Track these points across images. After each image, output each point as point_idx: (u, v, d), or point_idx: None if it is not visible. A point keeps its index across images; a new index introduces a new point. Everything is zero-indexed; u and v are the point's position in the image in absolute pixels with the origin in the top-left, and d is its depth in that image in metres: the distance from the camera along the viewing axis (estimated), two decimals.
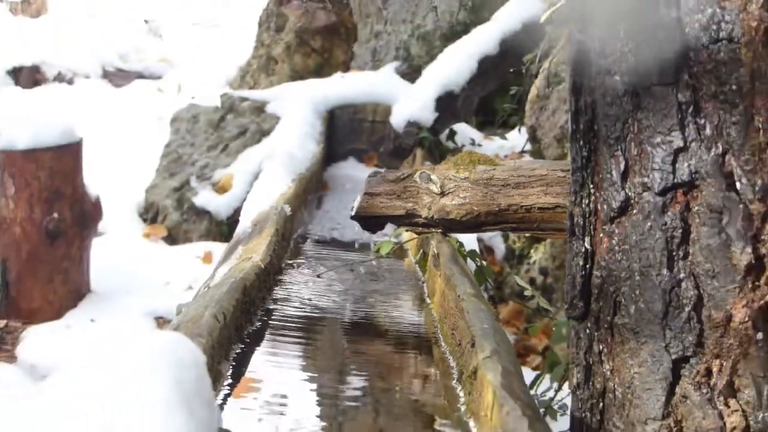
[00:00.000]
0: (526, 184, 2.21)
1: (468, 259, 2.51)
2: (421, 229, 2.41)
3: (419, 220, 2.36)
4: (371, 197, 2.39)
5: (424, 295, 2.43)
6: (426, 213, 2.33)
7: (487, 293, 2.50)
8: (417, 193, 2.35)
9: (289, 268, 2.63)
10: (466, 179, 2.28)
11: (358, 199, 2.41)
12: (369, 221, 2.42)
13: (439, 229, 2.37)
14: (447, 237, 2.44)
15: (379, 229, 2.46)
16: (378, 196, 2.38)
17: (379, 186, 2.39)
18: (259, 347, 1.91)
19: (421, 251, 2.71)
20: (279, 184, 3.26)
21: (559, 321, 2.13)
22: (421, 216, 2.35)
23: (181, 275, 3.37)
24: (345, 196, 3.84)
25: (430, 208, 2.32)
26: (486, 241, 3.48)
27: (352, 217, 2.44)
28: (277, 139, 4.04)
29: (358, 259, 2.77)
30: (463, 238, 2.56)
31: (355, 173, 4.25)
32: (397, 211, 2.37)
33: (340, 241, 3.20)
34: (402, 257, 2.87)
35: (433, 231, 2.39)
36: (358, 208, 2.40)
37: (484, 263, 2.61)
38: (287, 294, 2.37)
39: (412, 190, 2.36)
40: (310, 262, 2.77)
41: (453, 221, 2.30)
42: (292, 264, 2.69)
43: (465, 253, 2.51)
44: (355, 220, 2.44)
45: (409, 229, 2.48)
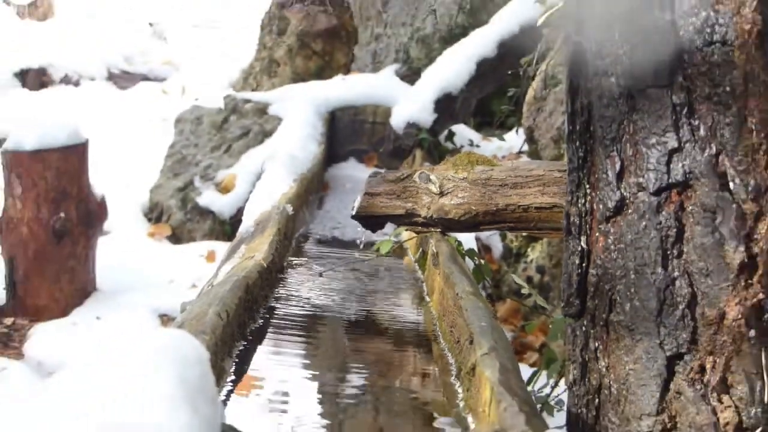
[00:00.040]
0: (524, 184, 2.21)
1: (466, 257, 2.51)
2: (421, 228, 2.41)
3: (418, 220, 2.36)
4: (371, 197, 2.39)
5: (424, 293, 2.43)
6: (425, 212, 2.33)
7: (485, 291, 2.50)
8: (416, 193, 2.35)
9: (291, 267, 2.63)
10: (464, 179, 2.28)
11: (358, 199, 2.41)
12: (369, 221, 2.42)
13: (438, 229, 2.37)
14: (446, 236, 2.44)
15: (379, 228, 2.46)
16: (378, 196, 2.38)
17: (379, 186, 2.39)
18: (261, 344, 1.91)
19: (421, 250, 2.71)
20: (281, 184, 3.26)
21: (556, 318, 2.13)
22: (421, 215, 2.34)
23: (185, 274, 3.36)
24: (346, 196, 3.83)
25: (429, 207, 2.32)
26: (484, 240, 3.48)
27: (352, 216, 2.44)
28: (279, 140, 4.04)
29: (359, 257, 2.77)
30: (461, 237, 2.56)
31: (355, 173, 4.24)
32: (396, 211, 2.37)
33: (340, 240, 3.20)
34: (402, 256, 2.87)
35: (432, 230, 2.39)
36: (358, 207, 2.40)
37: (482, 262, 2.61)
38: (289, 292, 2.37)
39: (411, 190, 2.36)
40: (311, 261, 2.77)
41: (452, 221, 2.30)
42: (294, 263, 2.69)
43: (463, 251, 2.51)
44: (355, 220, 2.44)
45: (408, 229, 2.48)
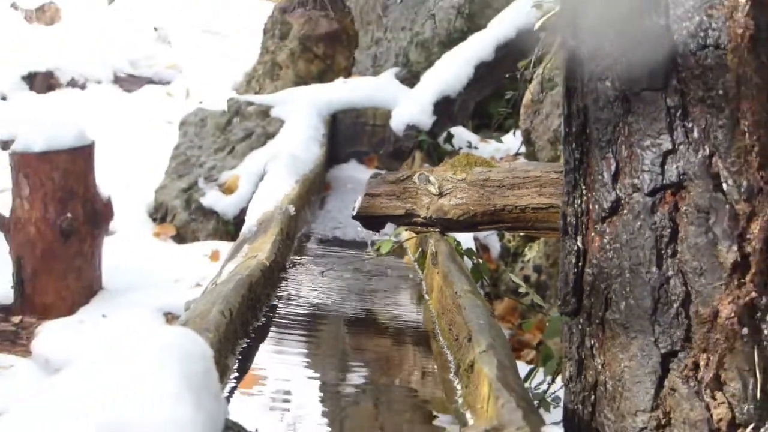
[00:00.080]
0: (521, 185, 2.21)
1: (465, 257, 2.50)
2: (420, 228, 2.41)
3: (418, 220, 2.36)
4: (372, 198, 2.39)
5: (423, 292, 2.43)
6: (424, 213, 2.33)
7: (483, 290, 2.50)
8: (416, 193, 2.35)
9: (293, 266, 2.63)
10: (463, 180, 2.28)
11: (359, 200, 2.41)
12: (370, 221, 2.42)
13: (437, 229, 2.37)
14: (445, 236, 2.43)
15: (379, 228, 2.46)
16: (378, 197, 2.38)
17: (379, 187, 2.39)
18: (264, 342, 1.91)
19: (420, 250, 2.71)
20: (283, 185, 3.25)
21: (553, 317, 2.13)
22: (420, 216, 2.34)
23: (189, 273, 3.36)
24: (347, 196, 3.83)
25: (428, 208, 2.32)
26: (482, 239, 3.47)
27: (353, 216, 2.44)
28: (281, 141, 4.04)
29: (360, 257, 2.77)
30: (460, 237, 2.56)
31: (356, 175, 4.24)
32: (396, 211, 2.37)
33: (341, 240, 3.20)
34: (401, 255, 2.87)
35: (431, 230, 2.39)
36: (359, 208, 2.40)
37: (481, 261, 2.61)
38: (291, 291, 2.37)
39: (411, 190, 2.36)
40: (313, 260, 2.77)
41: (450, 221, 2.30)
42: (296, 262, 2.69)
43: (462, 251, 2.51)
44: (356, 220, 2.44)
45: (408, 229, 2.48)
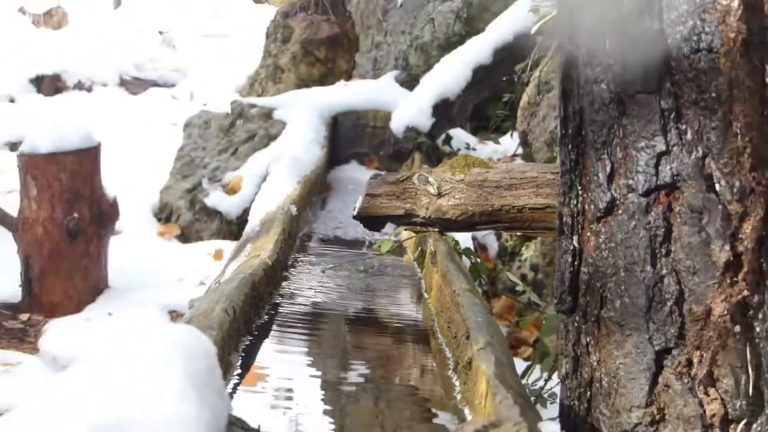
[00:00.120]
0: (518, 186, 2.21)
1: (463, 256, 2.51)
2: (419, 228, 2.41)
3: (417, 220, 2.36)
4: (372, 198, 2.39)
5: (422, 290, 2.43)
6: (424, 213, 2.33)
7: (481, 288, 2.50)
8: (415, 194, 2.35)
9: (295, 265, 2.63)
10: (461, 181, 2.28)
11: (359, 200, 2.41)
12: (370, 221, 2.42)
13: (436, 228, 2.36)
14: (443, 236, 2.44)
15: (379, 228, 2.46)
16: (378, 197, 2.38)
17: (379, 187, 2.39)
18: (266, 340, 1.91)
19: (419, 249, 2.71)
20: (285, 185, 3.25)
21: (549, 314, 2.13)
22: (419, 216, 2.34)
23: (193, 271, 3.36)
24: (347, 197, 3.83)
25: (427, 208, 2.32)
26: (480, 239, 3.47)
27: (354, 216, 2.44)
28: (283, 143, 4.04)
29: (359, 255, 2.77)
30: (458, 236, 2.56)
31: (357, 175, 4.24)
32: (396, 211, 2.37)
33: (342, 239, 3.20)
34: (401, 254, 2.87)
35: (430, 230, 2.39)
36: (359, 208, 2.40)
37: (479, 260, 2.61)
38: (293, 289, 2.37)
39: (410, 191, 2.36)
40: (315, 259, 2.77)
41: (449, 221, 2.30)
42: (298, 261, 2.69)
43: (460, 250, 2.51)
44: (357, 220, 2.44)
45: (407, 228, 2.48)
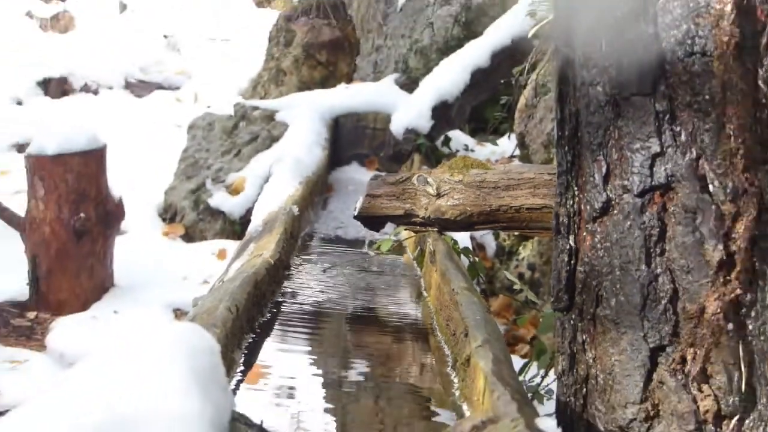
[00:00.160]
0: (516, 187, 2.21)
1: (462, 255, 2.51)
2: (419, 228, 2.40)
3: (417, 220, 2.36)
4: (372, 198, 2.39)
5: (421, 289, 2.43)
6: (423, 213, 2.33)
7: (479, 287, 2.50)
8: (415, 194, 2.35)
9: (297, 264, 2.63)
10: (460, 182, 2.28)
11: (360, 200, 2.41)
12: (370, 221, 2.42)
13: (435, 228, 2.36)
14: (442, 235, 2.43)
15: (380, 227, 2.46)
16: (379, 198, 2.38)
17: (379, 188, 2.39)
18: (269, 337, 1.91)
19: (419, 248, 2.71)
20: (287, 186, 3.25)
21: (546, 312, 2.13)
22: (419, 216, 2.34)
23: (197, 270, 3.36)
24: (348, 197, 3.83)
25: (426, 208, 2.32)
26: (478, 239, 3.47)
27: (355, 216, 2.44)
28: (285, 144, 4.04)
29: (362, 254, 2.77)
30: (457, 236, 2.56)
31: (357, 176, 4.24)
32: (396, 212, 2.37)
33: (343, 239, 3.20)
34: (401, 254, 2.87)
35: (429, 230, 2.38)
36: (360, 208, 2.40)
37: (477, 259, 2.61)
38: (295, 288, 2.37)
39: (410, 191, 2.36)
40: (316, 258, 2.77)
41: (448, 221, 2.30)
42: (300, 260, 2.69)
43: (459, 250, 2.51)
44: (357, 220, 2.44)
45: (407, 228, 2.48)
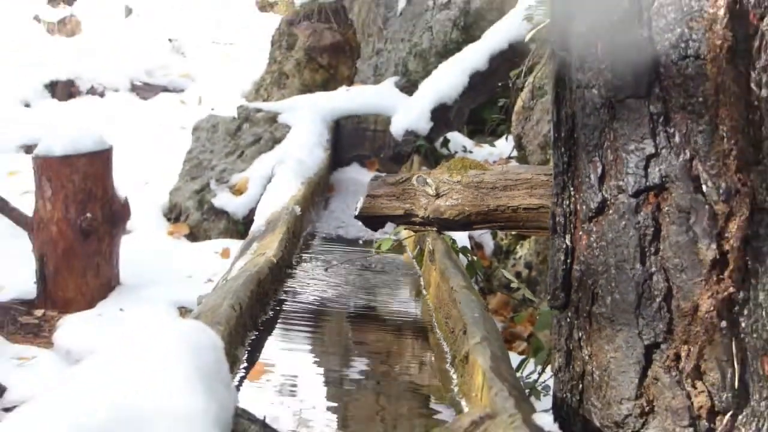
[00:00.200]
0: (513, 187, 2.21)
1: (460, 254, 2.50)
2: (418, 227, 2.40)
3: (416, 220, 2.36)
4: (373, 199, 2.39)
5: (421, 287, 2.43)
6: (422, 213, 2.33)
7: (477, 285, 2.50)
8: (414, 195, 2.35)
9: (299, 263, 2.63)
10: (458, 182, 2.28)
11: (361, 201, 2.41)
12: (371, 220, 2.42)
13: (434, 228, 2.36)
14: (441, 235, 2.43)
15: (380, 227, 2.46)
16: (379, 198, 2.38)
17: (380, 188, 2.39)
18: (271, 334, 1.91)
19: (418, 247, 2.71)
20: (290, 186, 3.25)
21: (543, 310, 2.13)
22: (418, 215, 2.34)
23: (201, 269, 3.36)
24: (349, 197, 3.83)
25: (426, 208, 2.32)
26: (476, 238, 3.47)
27: (355, 216, 2.44)
28: (288, 146, 4.04)
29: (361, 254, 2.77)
30: (455, 235, 2.56)
31: (358, 177, 4.24)
32: (396, 211, 2.37)
33: (345, 238, 3.20)
34: (401, 253, 2.87)
35: (428, 229, 2.38)
36: (361, 208, 2.40)
37: (475, 258, 2.61)
38: (297, 286, 2.37)
39: (409, 192, 2.36)
40: (318, 257, 2.77)
41: (447, 220, 2.30)
42: (302, 258, 2.69)
43: (457, 249, 2.51)
44: (358, 219, 2.44)
45: (407, 228, 2.48)
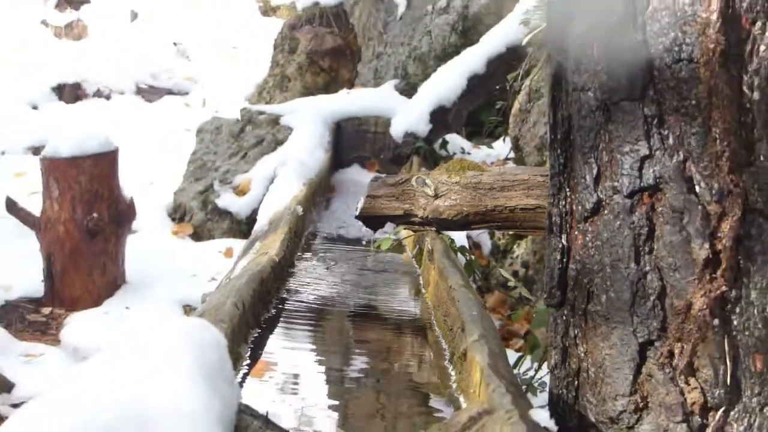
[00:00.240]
0: (510, 188, 2.21)
1: (458, 253, 2.50)
2: (417, 227, 2.40)
3: (415, 220, 2.36)
4: (373, 199, 2.38)
5: (420, 286, 2.43)
6: (421, 213, 2.33)
7: (475, 284, 2.50)
8: (413, 195, 2.34)
9: (301, 262, 2.63)
10: (456, 183, 2.28)
11: (361, 201, 2.41)
12: (371, 220, 2.42)
13: (433, 228, 2.36)
14: (440, 234, 2.43)
15: (380, 227, 2.46)
16: (379, 198, 2.38)
17: (380, 189, 2.39)
18: (274, 332, 1.91)
19: (417, 247, 2.71)
20: (292, 187, 3.25)
21: (539, 308, 2.13)
22: (417, 216, 2.34)
23: (205, 268, 3.36)
24: (350, 198, 3.83)
25: (425, 208, 2.32)
26: (474, 238, 3.47)
27: (356, 216, 2.43)
28: (290, 147, 4.04)
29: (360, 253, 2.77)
30: (454, 235, 2.56)
31: (358, 178, 4.24)
32: (396, 212, 2.37)
33: (345, 238, 3.20)
34: (400, 252, 2.87)
35: (427, 229, 2.38)
36: (361, 208, 2.40)
37: (473, 257, 2.61)
38: (299, 284, 2.37)
39: (409, 192, 2.36)
40: (319, 256, 2.77)
41: (445, 220, 2.30)
42: (303, 258, 2.69)
43: (456, 248, 2.51)
44: (358, 220, 2.44)
45: (406, 228, 2.48)
